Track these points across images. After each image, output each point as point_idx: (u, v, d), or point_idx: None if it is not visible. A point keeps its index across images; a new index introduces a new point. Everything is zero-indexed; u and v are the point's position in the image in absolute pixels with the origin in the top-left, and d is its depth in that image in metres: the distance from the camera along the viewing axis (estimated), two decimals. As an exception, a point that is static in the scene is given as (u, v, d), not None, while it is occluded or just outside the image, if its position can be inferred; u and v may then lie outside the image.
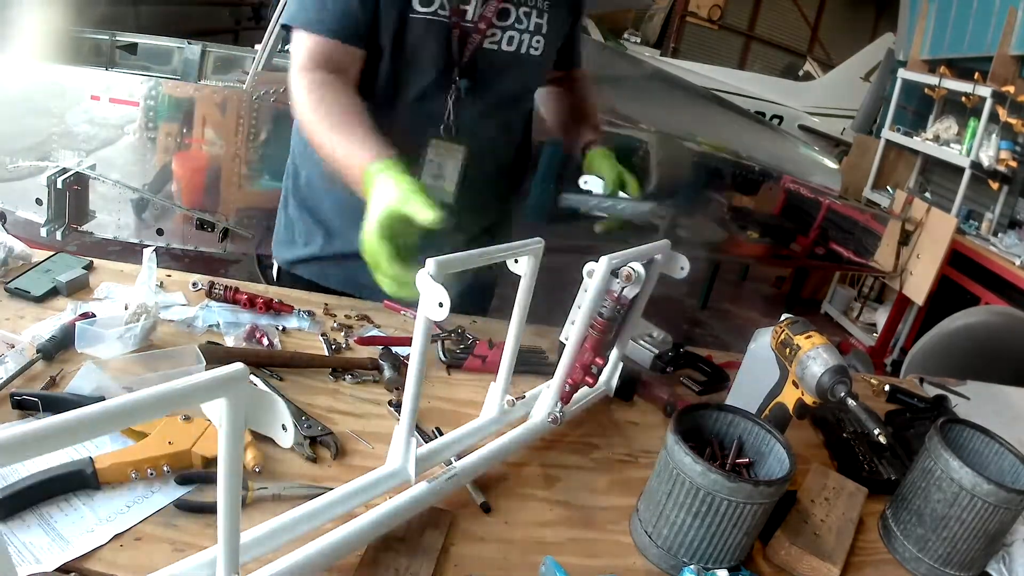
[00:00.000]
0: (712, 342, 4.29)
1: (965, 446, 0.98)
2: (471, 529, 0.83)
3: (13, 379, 0.88)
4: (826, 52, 9.96)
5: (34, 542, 0.68)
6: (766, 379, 1.01)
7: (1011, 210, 4.32)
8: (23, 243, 1.19)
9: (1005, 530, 0.90)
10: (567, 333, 0.94)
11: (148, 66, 2.92)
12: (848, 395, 0.89)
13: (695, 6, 9.99)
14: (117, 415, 0.46)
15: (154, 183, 2.70)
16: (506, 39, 1.23)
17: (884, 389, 1.39)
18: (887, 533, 0.97)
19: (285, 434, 0.58)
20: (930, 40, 5.22)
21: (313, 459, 0.87)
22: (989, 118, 4.17)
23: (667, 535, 0.83)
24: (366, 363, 1.08)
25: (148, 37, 2.87)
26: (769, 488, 0.79)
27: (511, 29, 1.22)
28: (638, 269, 0.89)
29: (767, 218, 3.74)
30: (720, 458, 0.91)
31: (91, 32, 3.11)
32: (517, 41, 1.24)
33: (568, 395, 0.97)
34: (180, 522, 0.74)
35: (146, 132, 2.63)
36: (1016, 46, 4.33)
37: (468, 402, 1.05)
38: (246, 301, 1.17)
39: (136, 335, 1.00)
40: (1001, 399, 1.48)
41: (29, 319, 1.03)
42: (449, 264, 0.72)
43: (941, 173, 4.91)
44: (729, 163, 3.50)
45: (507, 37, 1.23)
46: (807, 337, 0.95)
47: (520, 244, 0.86)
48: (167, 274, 1.22)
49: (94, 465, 0.75)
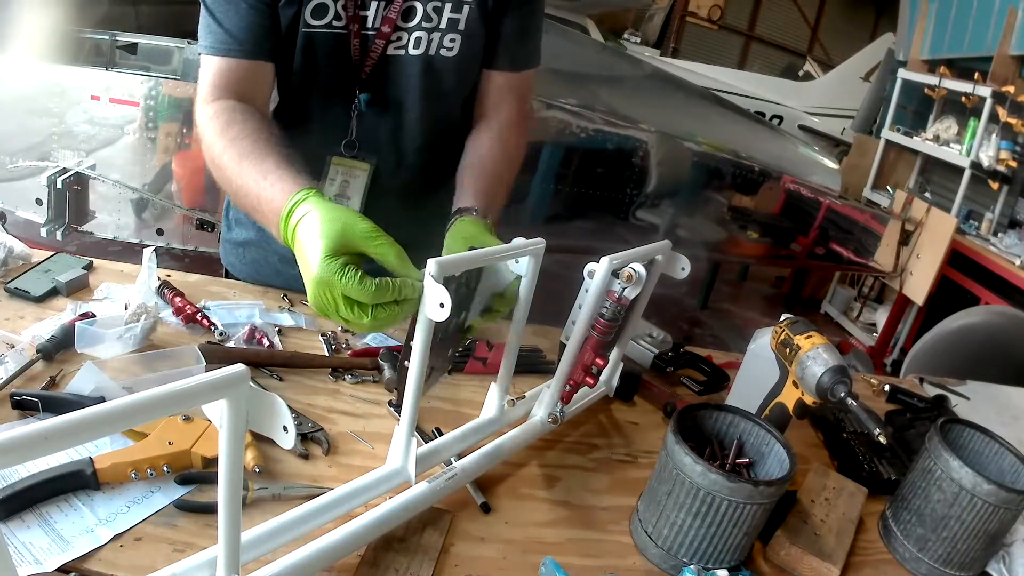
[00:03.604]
0: (712, 342, 4.29)
1: (965, 446, 0.98)
2: (471, 529, 0.83)
3: (13, 379, 0.88)
4: (826, 52, 9.97)
5: (34, 542, 0.68)
6: (766, 379, 1.01)
7: (1011, 210, 4.33)
8: (23, 243, 1.19)
9: (1005, 530, 0.90)
10: (568, 333, 0.94)
11: (148, 66, 2.92)
12: (848, 395, 0.89)
13: (695, 6, 10.00)
14: (118, 416, 0.46)
15: (154, 183, 2.70)
16: (412, 41, 1.09)
17: (884, 389, 1.39)
18: (887, 533, 0.97)
19: (286, 435, 0.58)
20: (930, 40, 5.22)
21: (305, 456, 0.87)
22: (989, 118, 4.17)
23: (667, 535, 0.83)
24: (366, 363, 1.08)
25: (148, 37, 2.86)
26: (769, 488, 0.79)
27: (418, 29, 1.09)
28: (639, 270, 0.89)
29: (767, 218, 3.74)
30: (720, 458, 0.91)
31: (91, 32, 3.11)
32: (426, 42, 1.10)
33: (568, 395, 0.97)
34: (180, 522, 0.74)
35: (146, 132, 2.64)
36: (1016, 46, 4.33)
37: (468, 402, 1.05)
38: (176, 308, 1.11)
39: (136, 335, 1.00)
40: (1001, 399, 1.48)
41: (29, 319, 1.03)
42: (449, 265, 0.72)
43: (941, 173, 4.92)
44: (729, 163, 3.49)
45: (413, 39, 1.09)
46: (807, 337, 0.95)
47: (520, 244, 0.86)
48: (167, 274, 1.22)
49: (94, 465, 0.75)
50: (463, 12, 1.10)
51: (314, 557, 0.69)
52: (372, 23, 1.07)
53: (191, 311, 1.10)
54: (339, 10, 1.05)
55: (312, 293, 0.73)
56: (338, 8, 1.05)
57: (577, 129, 3.09)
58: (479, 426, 0.93)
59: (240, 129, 0.96)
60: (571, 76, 3.34)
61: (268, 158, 0.90)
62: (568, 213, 3.20)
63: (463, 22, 1.10)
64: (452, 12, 1.09)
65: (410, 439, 0.79)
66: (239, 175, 0.91)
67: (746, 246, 3.81)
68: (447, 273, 0.70)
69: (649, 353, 1.26)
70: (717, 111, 3.87)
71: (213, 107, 1.01)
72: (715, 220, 3.62)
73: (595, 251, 0.88)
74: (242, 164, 0.91)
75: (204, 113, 1.01)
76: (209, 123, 0.99)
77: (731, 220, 3.65)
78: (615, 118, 3.17)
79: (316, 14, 1.04)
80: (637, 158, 3.21)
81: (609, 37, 7.79)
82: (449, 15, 1.09)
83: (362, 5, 1.06)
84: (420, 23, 1.08)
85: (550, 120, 3.04)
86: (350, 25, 1.06)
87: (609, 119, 3.16)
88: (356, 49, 1.08)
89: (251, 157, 0.91)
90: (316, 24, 1.05)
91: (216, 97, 1.02)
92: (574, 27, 6.73)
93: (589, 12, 7.49)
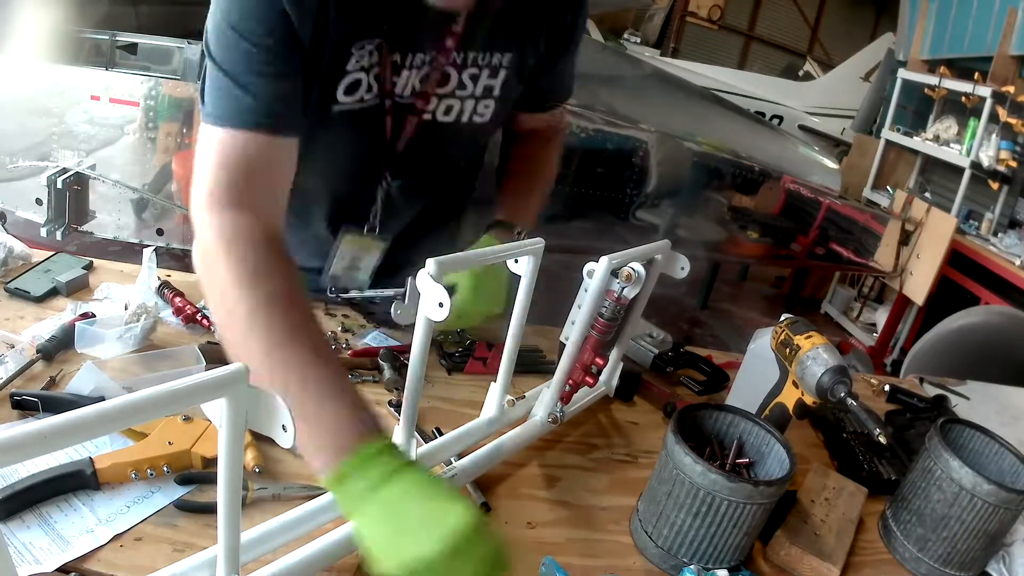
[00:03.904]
0: (712, 342, 4.29)
1: (965, 446, 0.98)
2: (471, 529, 0.82)
3: (13, 379, 0.88)
4: (826, 52, 9.97)
5: (34, 542, 0.68)
6: (766, 379, 1.01)
7: (1011, 210, 4.33)
8: (23, 243, 1.19)
9: (1005, 530, 0.90)
10: (567, 333, 0.94)
11: (148, 66, 2.92)
12: (848, 395, 0.89)
13: (695, 6, 10.00)
14: (117, 416, 0.46)
15: (154, 183, 2.70)
16: (442, 109, 0.99)
17: (884, 389, 1.39)
18: (887, 533, 0.97)
19: (285, 434, 0.58)
20: (930, 40, 5.22)
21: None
22: (989, 118, 4.17)
23: (667, 535, 0.83)
24: (366, 363, 1.08)
25: (148, 37, 2.86)
26: (769, 488, 0.79)
27: (450, 97, 0.99)
28: (638, 269, 0.89)
29: (767, 218, 3.74)
30: (720, 458, 0.91)
31: (91, 32, 3.11)
32: (457, 111, 1.00)
33: (568, 395, 0.97)
34: (180, 522, 0.74)
35: (146, 132, 2.64)
36: (1016, 46, 4.33)
37: (468, 402, 1.05)
38: (176, 308, 1.11)
39: (136, 335, 1.00)
40: (1001, 399, 1.48)
41: (29, 319, 1.03)
42: (449, 264, 0.72)
43: (941, 173, 4.91)
44: (729, 163, 3.49)
45: (444, 107, 0.99)
46: (807, 337, 0.95)
47: (520, 244, 0.86)
48: (167, 274, 1.21)
49: (94, 465, 0.75)
50: (499, 78, 1.01)
51: (314, 557, 0.69)
52: (402, 90, 0.95)
53: (191, 311, 1.10)
54: (371, 82, 0.92)
55: None
56: (370, 80, 0.92)
57: (577, 129, 3.08)
58: (479, 426, 0.93)
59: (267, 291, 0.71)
60: (571, 76, 3.33)
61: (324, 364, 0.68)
62: (568, 213, 3.20)
63: (498, 87, 1.02)
64: (489, 78, 1.00)
65: (410, 439, 0.79)
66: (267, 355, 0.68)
67: (746, 246, 3.80)
68: (447, 272, 0.70)
69: (649, 353, 1.26)
70: (717, 111, 3.87)
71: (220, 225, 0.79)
72: (715, 220, 3.62)
73: (595, 251, 0.88)
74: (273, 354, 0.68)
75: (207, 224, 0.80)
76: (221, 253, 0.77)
77: (731, 220, 3.65)
78: (615, 118, 3.17)
79: (349, 90, 0.91)
80: (637, 158, 3.21)
81: (609, 37, 7.80)
82: (485, 82, 1.00)
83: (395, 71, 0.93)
84: (453, 91, 0.99)
85: (550, 120, 3.03)
86: (385, 98, 0.94)
87: (609, 119, 3.16)
88: (389, 125, 0.97)
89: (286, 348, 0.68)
90: (348, 101, 0.92)
91: (227, 202, 0.80)
92: (574, 27, 6.72)
93: (589, 12, 7.49)
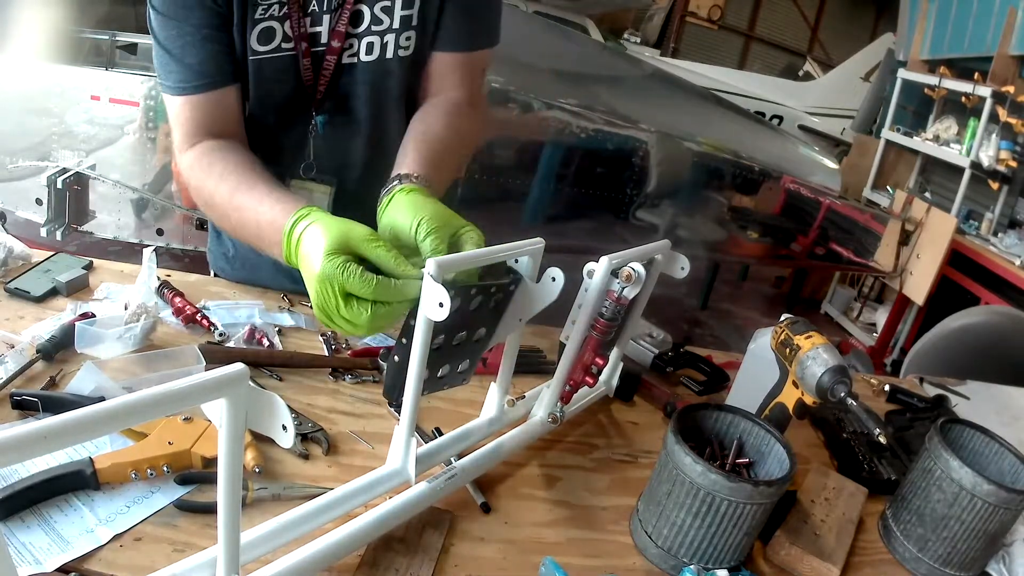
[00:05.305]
0: (712, 342, 4.29)
1: (965, 446, 0.98)
2: (471, 529, 0.83)
3: (13, 379, 0.88)
4: (826, 52, 9.98)
5: (34, 542, 0.68)
6: (766, 379, 1.01)
7: (1011, 210, 4.33)
8: (23, 243, 1.19)
9: (1005, 530, 0.90)
10: (567, 333, 0.94)
11: (148, 66, 2.92)
12: (848, 395, 0.89)
13: (695, 6, 10.01)
14: (117, 416, 0.46)
15: (154, 183, 2.71)
16: (364, 47, 1.03)
17: (884, 389, 1.39)
18: (887, 533, 0.97)
19: (285, 434, 0.58)
20: (930, 40, 5.22)
21: (305, 455, 0.87)
22: (989, 118, 4.17)
23: (667, 535, 0.83)
24: (366, 363, 1.08)
25: (148, 37, 2.87)
26: (769, 488, 0.79)
27: (368, 34, 1.02)
28: (638, 269, 0.89)
29: (767, 218, 3.74)
30: (720, 458, 0.91)
31: (91, 32, 3.12)
32: (379, 46, 1.03)
33: (568, 395, 0.97)
34: (180, 522, 0.74)
35: (146, 132, 2.64)
36: (1016, 46, 4.33)
37: (468, 402, 1.05)
38: (176, 308, 1.11)
39: (136, 335, 1.00)
40: (1001, 399, 1.48)
41: (29, 319, 1.03)
42: (449, 264, 0.72)
43: (941, 173, 4.92)
44: (729, 163, 3.50)
45: (364, 45, 1.02)
46: (807, 337, 0.95)
47: (520, 244, 0.86)
48: (167, 274, 1.22)
49: (94, 465, 0.75)
50: (414, 6, 1.03)
51: (314, 557, 0.69)
52: (324, 39, 1.02)
53: (191, 311, 1.10)
54: (287, 31, 1.00)
55: (315, 292, 0.72)
56: (285, 30, 1.00)
57: (577, 129, 3.09)
58: (479, 426, 0.93)
59: (224, 166, 0.95)
60: (571, 76, 3.34)
61: (258, 185, 0.89)
62: (568, 213, 3.21)
63: (416, 17, 1.03)
64: (404, 9, 1.02)
65: (410, 439, 0.79)
66: (236, 209, 0.90)
67: (746, 246, 3.81)
68: (447, 272, 0.70)
69: (649, 353, 1.26)
70: (717, 111, 3.87)
71: (192, 153, 0.99)
72: (715, 220, 3.62)
73: (595, 251, 0.88)
74: (235, 197, 0.90)
75: (184, 161, 0.99)
76: (192, 169, 0.98)
77: (731, 220, 3.66)
78: (615, 118, 3.17)
79: (262, 39, 0.99)
80: (637, 158, 3.21)
81: (609, 37, 7.80)
82: (401, 13, 1.02)
83: (312, 21, 1.00)
84: (369, 27, 1.02)
85: (550, 120, 3.04)
86: (299, 46, 1.01)
87: (609, 119, 3.16)
88: (308, 71, 1.04)
89: (242, 188, 0.90)
90: (263, 51, 1.00)
91: (192, 143, 1.00)
92: (574, 27, 6.74)
93: (589, 12, 7.50)
